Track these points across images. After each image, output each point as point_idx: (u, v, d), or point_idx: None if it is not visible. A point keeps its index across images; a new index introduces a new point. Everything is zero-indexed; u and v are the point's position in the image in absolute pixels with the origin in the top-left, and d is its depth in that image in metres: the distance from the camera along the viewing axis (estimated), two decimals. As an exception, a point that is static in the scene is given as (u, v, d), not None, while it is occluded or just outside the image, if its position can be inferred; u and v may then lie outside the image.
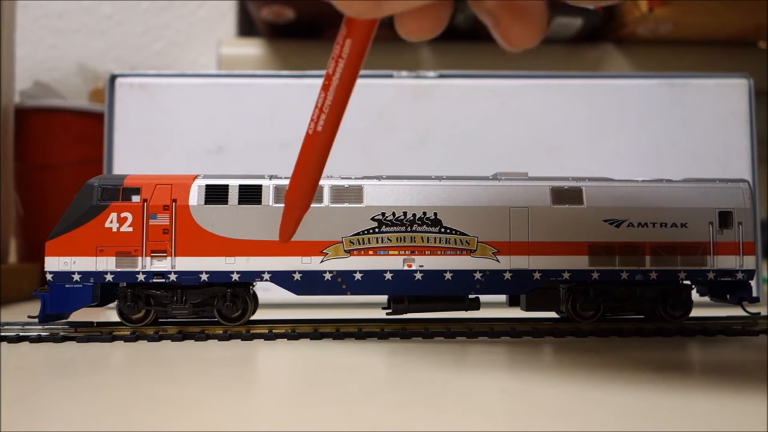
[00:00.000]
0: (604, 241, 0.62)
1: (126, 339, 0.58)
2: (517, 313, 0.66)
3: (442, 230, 0.61)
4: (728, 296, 0.65)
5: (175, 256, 0.60)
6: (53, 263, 0.59)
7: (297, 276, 0.61)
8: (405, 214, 0.61)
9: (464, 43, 1.10)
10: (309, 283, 0.61)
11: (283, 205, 0.60)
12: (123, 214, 0.60)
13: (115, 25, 1.35)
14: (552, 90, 0.86)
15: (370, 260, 0.61)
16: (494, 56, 1.08)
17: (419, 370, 0.47)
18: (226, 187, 0.61)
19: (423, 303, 0.63)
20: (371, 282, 0.61)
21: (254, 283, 0.62)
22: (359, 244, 0.61)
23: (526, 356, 0.52)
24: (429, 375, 0.45)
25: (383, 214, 0.61)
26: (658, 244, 0.63)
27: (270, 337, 0.59)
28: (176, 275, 0.60)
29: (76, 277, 0.59)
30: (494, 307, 0.69)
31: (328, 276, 0.61)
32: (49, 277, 0.59)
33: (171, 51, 1.37)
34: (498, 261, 0.62)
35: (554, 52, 1.11)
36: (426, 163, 0.83)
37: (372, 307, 0.67)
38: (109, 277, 0.59)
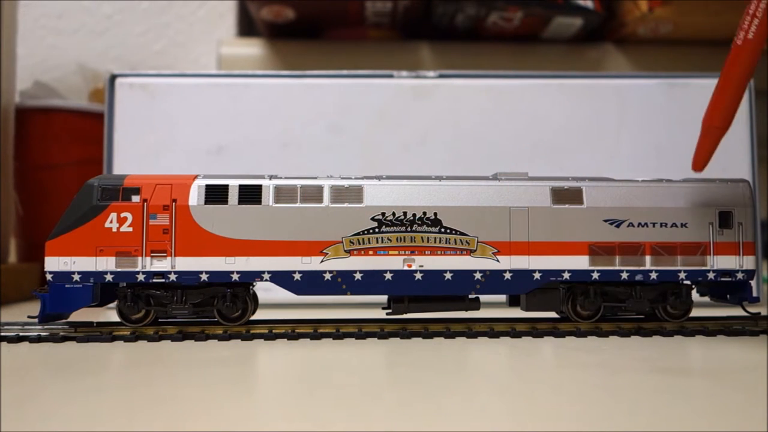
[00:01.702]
0: (604, 241, 0.62)
1: (126, 339, 0.58)
2: (517, 313, 0.66)
3: (442, 230, 0.61)
4: (728, 296, 0.65)
5: (175, 256, 0.60)
6: (53, 263, 0.59)
7: (297, 276, 0.61)
8: (405, 214, 0.61)
9: (464, 43, 1.10)
10: (309, 283, 0.61)
11: (283, 204, 0.61)
12: (123, 214, 0.60)
13: (115, 25, 1.35)
14: (552, 90, 0.86)
15: (370, 260, 0.61)
16: (494, 56, 1.09)
17: (419, 370, 0.47)
18: (226, 187, 0.61)
19: (423, 303, 0.63)
20: (371, 282, 0.61)
21: (254, 283, 0.62)
22: (359, 244, 0.61)
23: (526, 356, 0.52)
24: (429, 375, 0.45)
25: (383, 214, 0.61)
26: (658, 244, 0.63)
27: (270, 337, 0.59)
28: (176, 275, 0.60)
29: (76, 277, 0.59)
30: (494, 307, 0.69)
31: (328, 276, 0.61)
32: (49, 277, 0.59)
33: (171, 51, 1.37)
34: (498, 261, 0.62)
35: (554, 52, 1.11)
36: (426, 163, 0.83)
37: (372, 307, 0.67)
38: (109, 277, 0.59)
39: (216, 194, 0.61)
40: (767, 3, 0.42)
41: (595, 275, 0.62)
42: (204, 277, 0.60)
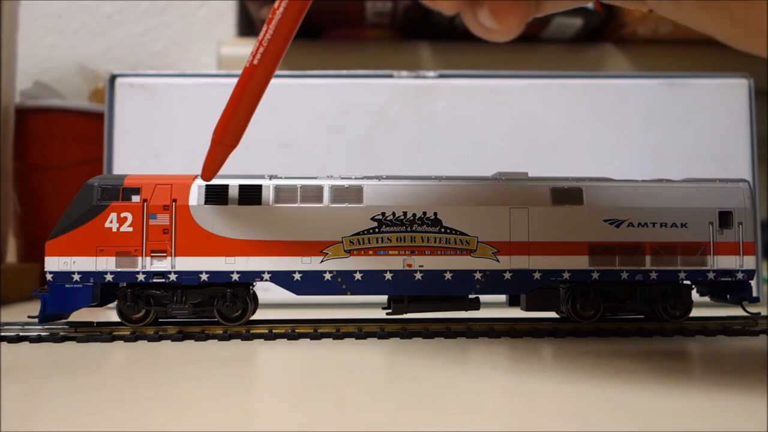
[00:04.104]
0: (604, 241, 0.62)
1: (126, 339, 0.58)
2: (517, 313, 0.66)
3: (442, 230, 0.61)
4: (728, 296, 0.65)
5: (175, 256, 0.60)
6: (53, 263, 0.59)
7: (297, 276, 0.61)
8: (405, 214, 0.61)
9: (464, 43, 1.10)
10: (309, 283, 0.61)
11: (283, 204, 0.61)
12: (123, 214, 0.60)
13: (115, 25, 1.35)
14: (552, 90, 0.86)
15: (370, 260, 0.61)
16: (494, 56, 1.09)
17: (419, 370, 0.47)
18: (225, 187, 0.61)
19: (423, 303, 0.63)
20: (371, 282, 0.61)
21: (254, 283, 0.62)
22: (359, 244, 0.61)
23: (526, 356, 0.52)
24: (429, 375, 0.45)
25: (383, 214, 0.61)
26: (658, 244, 0.63)
27: (270, 337, 0.59)
28: (176, 275, 0.60)
29: (76, 277, 0.59)
30: (494, 307, 0.69)
31: (328, 276, 0.61)
32: (49, 277, 0.59)
33: (171, 51, 1.37)
34: (498, 261, 0.62)
35: (554, 52, 1.11)
36: (426, 163, 0.83)
37: (372, 307, 0.67)
38: (109, 277, 0.59)
39: (216, 194, 0.61)
40: (272, 35, 0.44)
41: (595, 275, 0.62)
42: (204, 277, 0.60)
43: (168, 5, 1.37)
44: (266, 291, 0.65)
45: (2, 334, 0.58)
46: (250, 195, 0.61)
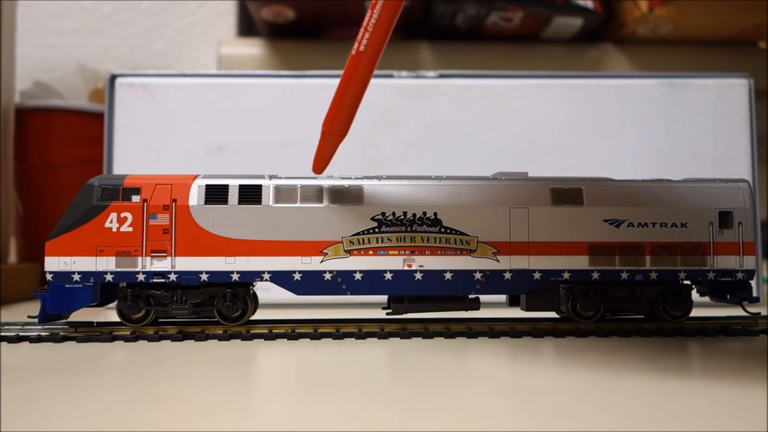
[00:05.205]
0: (604, 241, 0.62)
1: (126, 339, 0.58)
2: (517, 313, 0.66)
3: (442, 230, 0.61)
4: (728, 296, 0.65)
5: (175, 256, 0.60)
6: (53, 263, 0.59)
7: (297, 276, 0.61)
8: (405, 214, 0.61)
9: (464, 43, 1.10)
10: (309, 283, 0.61)
11: (283, 204, 0.61)
12: (123, 214, 0.60)
13: (115, 25, 1.35)
14: (552, 90, 0.86)
15: (370, 260, 0.61)
16: (494, 56, 1.09)
17: (419, 370, 0.47)
18: (226, 187, 0.61)
19: (423, 303, 0.63)
20: (371, 282, 0.61)
21: (254, 283, 0.62)
22: (359, 244, 0.61)
23: (526, 356, 0.52)
24: (429, 375, 0.45)
25: (383, 214, 0.61)
26: (658, 244, 0.63)
27: (270, 337, 0.59)
28: (176, 275, 0.60)
29: (76, 277, 0.59)
30: (494, 307, 0.69)
31: (328, 276, 0.61)
32: (49, 277, 0.59)
33: (171, 51, 1.37)
34: (498, 261, 0.62)
35: (554, 52, 1.11)
36: (426, 163, 0.83)
37: (372, 307, 0.67)
38: (109, 277, 0.59)
39: (216, 194, 0.61)
40: (377, 19, 0.44)
41: (595, 275, 0.62)
42: (204, 277, 0.60)
43: (168, 5, 1.37)
44: (266, 291, 0.65)
45: (2, 334, 0.58)
46: (250, 195, 0.61)
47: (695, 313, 0.65)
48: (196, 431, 0.33)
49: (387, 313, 0.63)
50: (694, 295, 0.65)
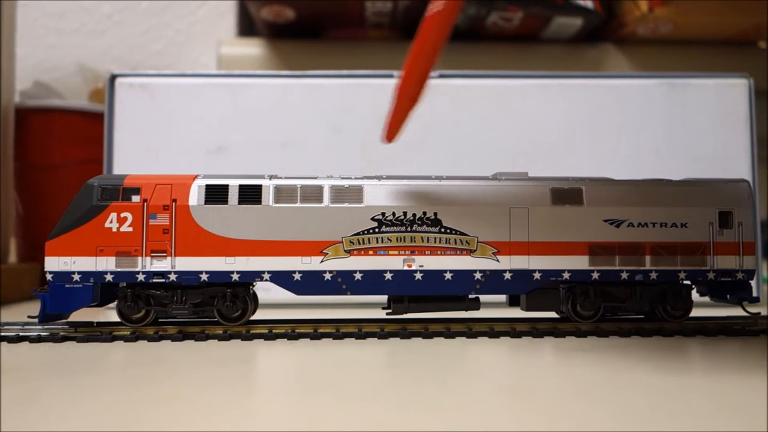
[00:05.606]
0: (604, 241, 0.62)
1: (126, 339, 0.58)
2: (517, 313, 0.66)
3: (442, 230, 0.61)
4: (728, 296, 0.65)
5: (175, 256, 0.60)
6: (53, 263, 0.59)
7: (297, 276, 0.61)
8: (405, 214, 0.61)
9: (464, 43, 1.10)
10: (309, 283, 0.61)
11: (283, 204, 0.61)
12: (123, 214, 0.60)
13: (115, 25, 1.35)
14: (552, 90, 0.86)
15: (370, 260, 0.61)
16: (494, 56, 1.09)
17: (419, 370, 0.47)
18: (226, 187, 0.61)
19: (423, 303, 0.63)
20: (371, 282, 0.61)
21: (254, 283, 0.62)
22: (359, 244, 0.61)
23: (526, 356, 0.52)
24: (429, 375, 0.45)
25: (383, 214, 0.61)
26: (658, 244, 0.63)
27: (270, 337, 0.59)
28: (176, 275, 0.60)
29: (76, 277, 0.59)
30: (494, 307, 0.69)
31: (328, 276, 0.61)
32: (49, 277, 0.59)
33: (171, 51, 1.37)
34: (498, 261, 0.62)
35: (554, 52, 1.11)
36: (426, 163, 0.83)
37: (372, 307, 0.67)
38: (109, 277, 0.59)
39: (216, 194, 0.61)
40: None
41: (595, 275, 0.62)
42: (204, 277, 0.60)
43: (168, 5, 1.37)
44: (266, 291, 0.65)
45: (2, 334, 0.58)
46: (250, 195, 0.61)
47: (695, 313, 0.65)
48: (196, 431, 0.33)
49: (387, 313, 0.63)
50: (694, 295, 0.65)
